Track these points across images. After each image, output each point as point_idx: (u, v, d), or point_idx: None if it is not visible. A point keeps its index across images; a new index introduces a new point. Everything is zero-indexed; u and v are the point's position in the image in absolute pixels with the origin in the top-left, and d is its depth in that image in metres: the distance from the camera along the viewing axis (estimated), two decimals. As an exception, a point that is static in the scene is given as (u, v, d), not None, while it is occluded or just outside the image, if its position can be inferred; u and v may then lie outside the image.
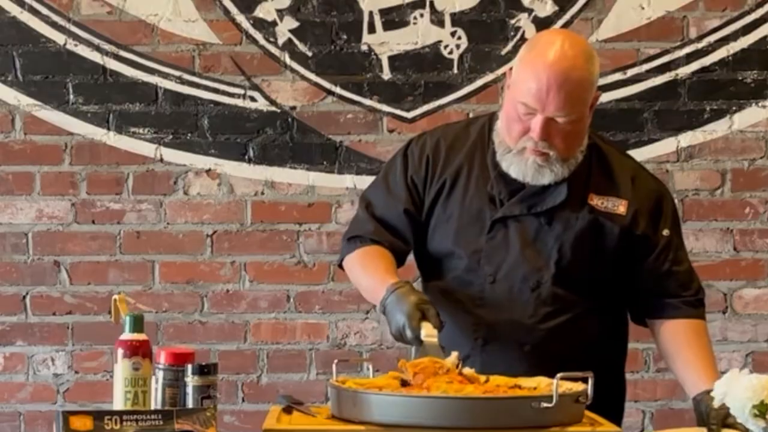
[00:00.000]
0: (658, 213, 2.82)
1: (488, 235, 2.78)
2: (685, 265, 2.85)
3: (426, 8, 4.33)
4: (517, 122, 2.71)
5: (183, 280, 4.36)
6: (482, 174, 2.81)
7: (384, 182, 2.91)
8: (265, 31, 4.35)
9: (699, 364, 2.79)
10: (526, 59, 2.71)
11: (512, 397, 2.36)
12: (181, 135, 4.35)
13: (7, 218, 4.34)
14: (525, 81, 2.67)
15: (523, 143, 2.71)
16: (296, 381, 4.35)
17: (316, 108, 4.36)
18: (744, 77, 4.33)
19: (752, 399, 2.24)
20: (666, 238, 2.80)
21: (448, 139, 2.89)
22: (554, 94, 2.64)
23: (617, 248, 2.78)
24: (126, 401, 2.43)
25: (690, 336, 2.83)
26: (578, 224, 2.77)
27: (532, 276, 2.76)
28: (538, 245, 2.77)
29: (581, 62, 2.67)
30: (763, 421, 2.23)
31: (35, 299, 4.35)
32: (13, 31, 4.32)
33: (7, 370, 4.35)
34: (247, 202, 4.36)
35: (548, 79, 2.63)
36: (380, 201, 2.90)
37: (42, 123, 4.34)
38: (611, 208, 2.78)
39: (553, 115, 2.66)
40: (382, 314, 2.70)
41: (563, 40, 2.70)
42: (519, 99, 2.69)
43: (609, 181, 2.81)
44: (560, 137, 2.70)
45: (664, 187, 2.92)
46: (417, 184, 2.86)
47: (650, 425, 4.32)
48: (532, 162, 2.72)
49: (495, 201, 2.79)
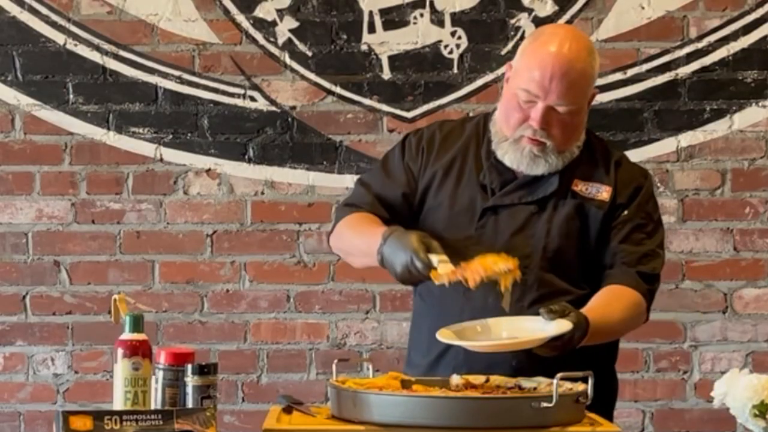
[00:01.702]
0: (630, 199, 2.83)
1: (478, 223, 2.81)
2: (643, 248, 2.81)
3: (426, 8, 4.33)
4: (516, 110, 2.75)
5: (183, 280, 4.36)
6: (475, 165, 2.85)
7: (382, 169, 2.95)
8: (265, 31, 4.35)
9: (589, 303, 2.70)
10: (530, 48, 2.77)
11: (512, 397, 2.37)
12: (181, 135, 4.35)
13: (7, 218, 4.34)
14: (529, 69, 2.72)
15: (521, 131, 2.75)
16: (296, 381, 4.35)
17: (316, 108, 4.36)
18: (744, 77, 4.33)
19: (752, 399, 2.24)
20: (624, 217, 2.81)
21: (443, 131, 2.94)
22: (557, 82, 2.69)
23: (600, 233, 2.80)
24: (126, 401, 2.43)
25: (603, 290, 2.76)
26: (564, 210, 2.80)
27: (520, 263, 2.77)
28: (527, 232, 2.80)
29: (584, 55, 2.73)
30: (763, 421, 2.23)
31: (35, 299, 4.35)
32: (13, 30, 4.32)
33: (7, 370, 4.35)
34: (247, 202, 4.36)
35: (552, 67, 2.69)
36: (378, 183, 2.92)
37: (42, 123, 4.34)
38: (595, 193, 2.82)
39: (554, 103, 2.71)
40: (381, 265, 2.68)
41: (567, 32, 2.81)
42: (521, 86, 2.73)
43: (594, 168, 2.84)
44: (558, 128, 2.74)
45: (645, 177, 2.91)
46: (413, 171, 2.90)
47: (650, 425, 4.32)
48: (528, 151, 2.76)
49: (487, 190, 2.83)
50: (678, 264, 4.31)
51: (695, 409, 4.32)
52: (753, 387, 2.25)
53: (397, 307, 4.32)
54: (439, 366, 2.79)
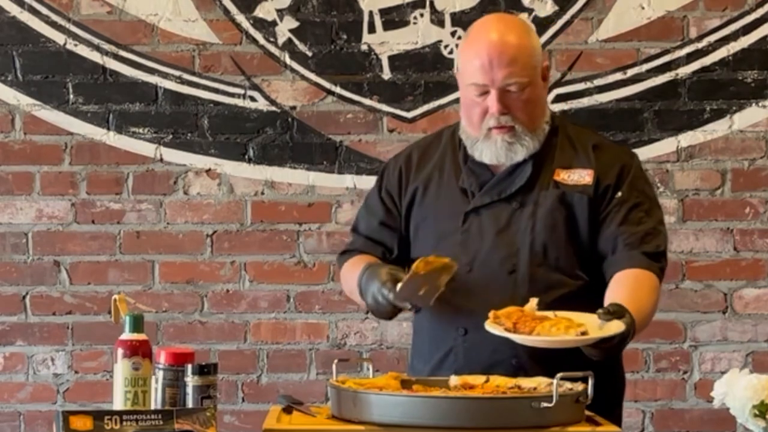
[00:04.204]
0: (618, 179, 2.81)
1: (462, 227, 2.82)
2: (644, 227, 2.78)
3: (426, 8, 4.33)
4: (474, 107, 2.79)
5: (183, 280, 4.36)
6: (454, 172, 2.88)
7: (365, 208, 3.04)
8: (265, 31, 4.35)
9: (612, 294, 2.67)
10: (464, 45, 2.84)
11: (512, 397, 2.37)
12: (181, 135, 4.35)
13: (7, 218, 4.34)
14: (469, 62, 2.77)
15: (485, 125, 2.78)
16: (296, 381, 4.35)
17: (316, 108, 4.36)
18: (744, 77, 4.33)
19: (752, 399, 2.24)
20: (618, 199, 2.79)
21: (420, 149, 2.98)
22: (497, 63, 2.73)
23: (590, 219, 2.78)
24: (126, 401, 2.43)
25: (622, 277, 2.72)
26: (547, 202, 2.79)
27: (508, 260, 2.78)
28: (512, 229, 2.80)
29: (516, 30, 2.79)
30: (763, 421, 2.23)
31: (35, 299, 4.35)
32: (13, 30, 4.32)
33: (7, 370, 4.35)
34: (247, 202, 4.36)
35: (489, 51, 2.74)
36: (363, 220, 3.02)
37: (42, 123, 4.34)
38: (577, 180, 2.81)
39: (503, 83, 2.73)
40: (362, 299, 2.78)
41: (494, 18, 2.90)
42: (469, 82, 2.78)
43: (573, 154, 2.84)
44: (519, 108, 2.76)
45: (630, 156, 2.90)
46: (393, 196, 2.95)
47: (650, 425, 4.32)
48: (501, 141, 2.78)
49: (467, 194, 2.84)
50: (678, 264, 4.31)
51: (695, 409, 4.32)
52: (753, 387, 2.25)
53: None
54: (441, 370, 2.79)
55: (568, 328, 2.43)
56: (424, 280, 2.62)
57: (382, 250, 2.94)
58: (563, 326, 2.43)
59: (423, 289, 2.64)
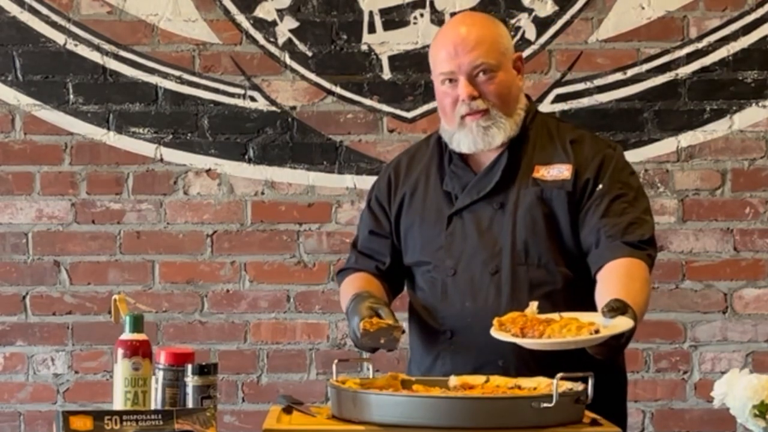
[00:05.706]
0: (599, 172, 2.79)
1: (446, 231, 2.82)
2: (627, 217, 2.74)
3: (426, 8, 4.33)
4: (445, 97, 2.81)
5: (183, 280, 4.36)
6: (439, 175, 2.88)
7: (360, 215, 3.06)
8: (265, 31, 4.35)
9: (605, 288, 2.62)
10: (433, 43, 2.89)
11: (512, 397, 2.37)
12: (181, 135, 4.35)
13: (7, 218, 4.34)
14: (437, 54, 2.82)
15: (458, 113, 2.79)
16: (296, 381, 4.35)
17: (316, 108, 4.36)
18: (744, 77, 4.33)
19: (752, 399, 2.24)
20: (599, 192, 2.77)
21: (408, 155, 3.00)
22: (462, 49, 2.76)
23: (568, 214, 2.77)
24: (126, 401, 2.43)
25: (610, 270, 2.68)
26: (527, 201, 2.79)
27: (491, 261, 2.78)
28: (494, 230, 2.80)
29: (481, 21, 2.86)
30: (763, 421, 2.23)
31: (35, 299, 4.35)
32: (13, 31, 4.32)
33: (7, 370, 4.35)
34: (247, 202, 4.36)
35: (453, 40, 2.78)
36: (358, 233, 3.04)
37: (42, 123, 4.34)
38: (556, 175, 2.80)
39: (470, 68, 2.76)
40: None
41: (461, 14, 3.03)
42: (438, 72, 2.81)
43: (552, 149, 2.84)
44: (490, 92, 2.78)
45: (610, 148, 2.86)
46: (382, 204, 2.96)
47: (650, 425, 4.32)
48: (476, 127, 2.79)
49: (451, 197, 2.85)
50: (678, 264, 4.31)
51: (695, 409, 4.32)
52: (753, 387, 2.25)
53: (397, 308, 4.29)
54: (432, 374, 2.79)
55: (580, 328, 2.41)
56: (377, 334, 2.63)
57: (375, 264, 2.94)
58: (575, 327, 2.42)
59: (382, 339, 2.65)
